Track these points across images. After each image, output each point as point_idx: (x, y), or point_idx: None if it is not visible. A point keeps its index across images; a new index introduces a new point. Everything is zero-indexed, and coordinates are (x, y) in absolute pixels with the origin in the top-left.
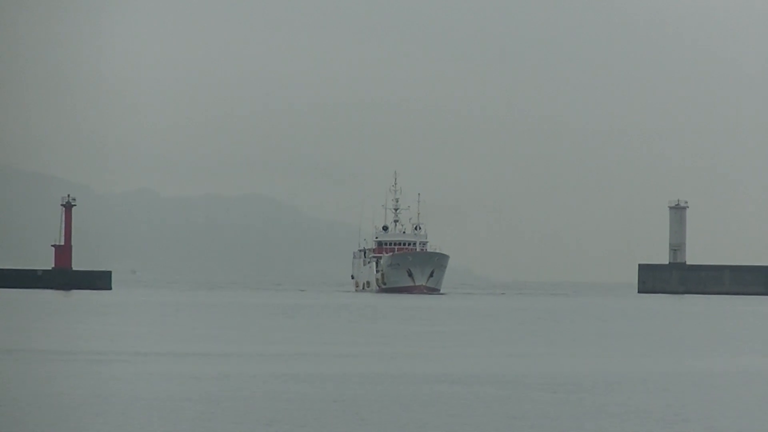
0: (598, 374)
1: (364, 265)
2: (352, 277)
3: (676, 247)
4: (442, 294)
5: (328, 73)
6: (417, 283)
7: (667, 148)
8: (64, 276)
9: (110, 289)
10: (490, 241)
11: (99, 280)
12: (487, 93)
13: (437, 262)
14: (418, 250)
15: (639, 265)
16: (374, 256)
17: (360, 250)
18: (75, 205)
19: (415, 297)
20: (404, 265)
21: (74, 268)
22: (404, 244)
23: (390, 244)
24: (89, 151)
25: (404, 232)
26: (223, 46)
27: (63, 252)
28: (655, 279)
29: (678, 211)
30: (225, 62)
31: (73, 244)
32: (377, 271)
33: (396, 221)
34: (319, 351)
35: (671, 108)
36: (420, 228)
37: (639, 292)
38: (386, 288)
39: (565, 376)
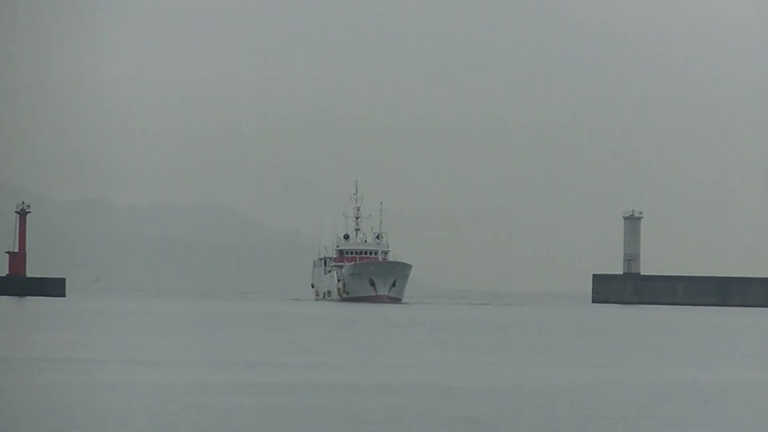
0: (554, 384)
1: (325, 274)
2: (312, 286)
3: (631, 258)
4: (404, 303)
5: (287, 83)
6: (379, 293)
7: (621, 158)
8: (18, 283)
9: (64, 296)
10: (443, 250)
11: (53, 288)
12: (448, 104)
13: (399, 271)
14: (380, 259)
15: (593, 275)
16: (335, 265)
17: (320, 259)
18: (29, 212)
19: (378, 306)
20: (366, 275)
21: (28, 275)
22: (366, 253)
23: (351, 253)
24: (43, 159)
25: (366, 241)
26: (179, 57)
27: (17, 259)
28: (609, 289)
29: (632, 221)
30: (178, 72)
31: (27, 251)
32: (339, 281)
33: (357, 230)
34: (279, 361)
35: (625, 119)
36: (382, 237)
37: (593, 302)
38: (348, 297)
39: (526, 387)
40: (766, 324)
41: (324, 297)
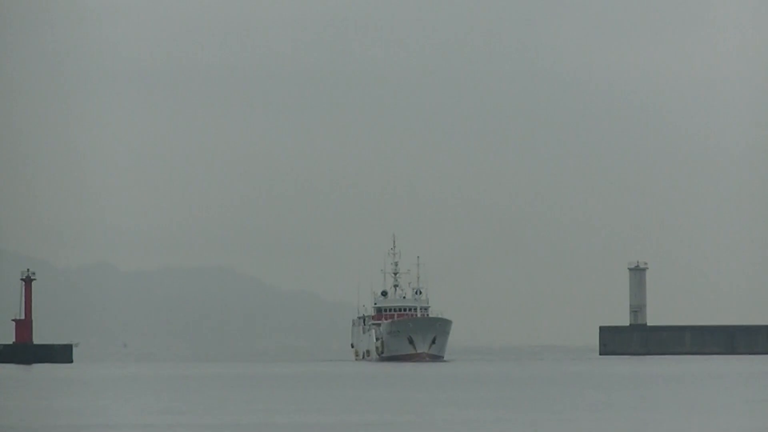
0: None
1: (364, 333)
2: (352, 346)
3: (637, 309)
4: (446, 361)
5: (301, 143)
6: (418, 351)
7: (625, 209)
8: (25, 350)
9: (71, 362)
10: (449, 303)
11: (60, 354)
12: (448, 162)
13: (439, 327)
14: (419, 315)
15: (600, 327)
16: (374, 323)
17: (359, 318)
18: (35, 279)
19: (416, 365)
20: (405, 332)
21: (35, 342)
22: (404, 310)
23: (389, 310)
24: (48, 226)
25: (404, 297)
26: (188, 121)
27: (24, 326)
28: (616, 341)
29: (637, 272)
30: (184, 134)
31: (33, 318)
32: (377, 339)
33: (396, 286)
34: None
35: (628, 169)
36: (421, 292)
37: (600, 354)
38: (386, 356)
39: None
40: None
41: (363, 357)
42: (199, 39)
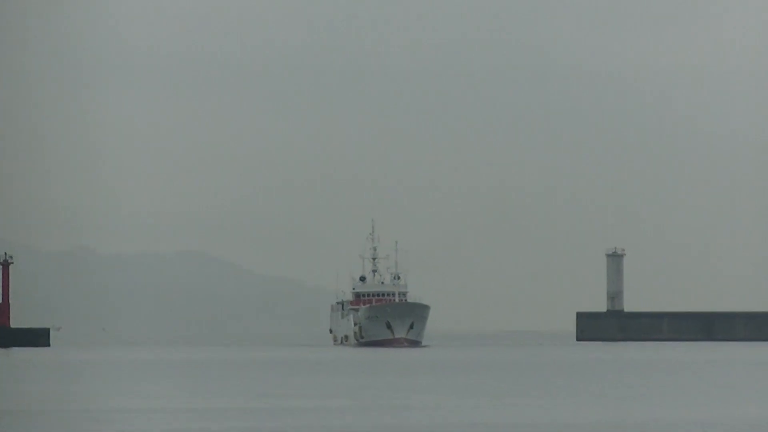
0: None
1: (342, 318)
2: (330, 331)
3: (614, 295)
4: (424, 347)
5: (281, 131)
6: (397, 336)
7: (602, 195)
8: (2, 334)
9: (48, 346)
10: (428, 288)
11: (38, 338)
12: (442, 157)
13: (417, 313)
14: (397, 300)
15: (577, 313)
16: (352, 308)
17: (338, 303)
18: (12, 263)
19: (395, 351)
20: (383, 317)
21: (13, 326)
22: (383, 295)
23: (368, 296)
24: (26, 209)
25: (383, 283)
26: (168, 108)
27: (1, 310)
28: (593, 327)
29: (615, 258)
30: (165, 121)
31: (11, 302)
32: (355, 324)
33: (374, 271)
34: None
35: (606, 157)
36: (399, 277)
37: (577, 340)
38: (364, 342)
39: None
40: (754, 358)
41: (342, 342)
42: (194, 32)
